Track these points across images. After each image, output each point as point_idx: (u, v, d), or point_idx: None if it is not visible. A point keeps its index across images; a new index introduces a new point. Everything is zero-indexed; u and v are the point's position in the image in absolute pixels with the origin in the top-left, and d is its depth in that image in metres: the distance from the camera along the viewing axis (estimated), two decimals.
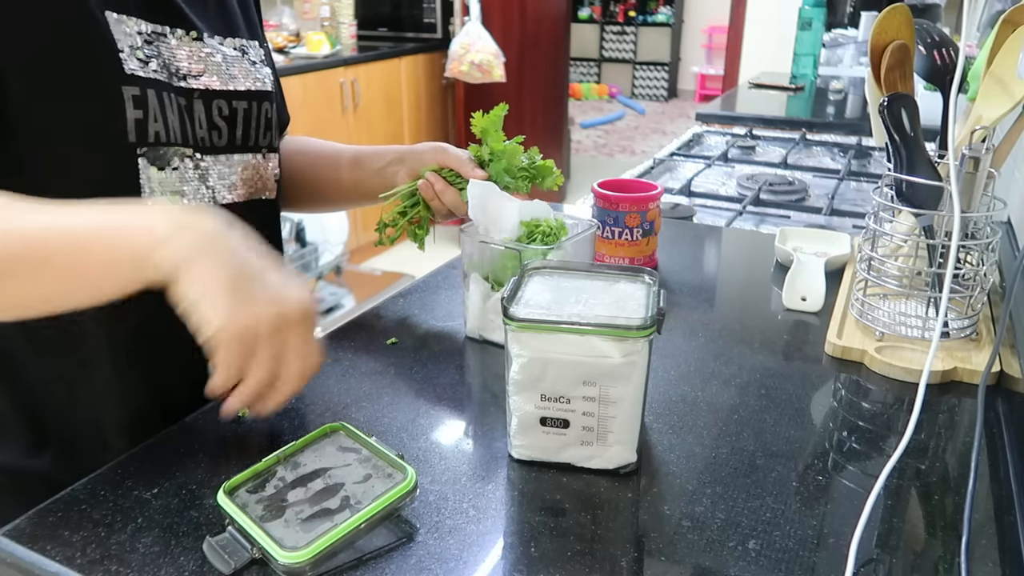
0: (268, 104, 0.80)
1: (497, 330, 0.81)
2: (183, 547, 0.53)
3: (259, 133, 0.80)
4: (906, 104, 0.80)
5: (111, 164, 0.67)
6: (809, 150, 1.92)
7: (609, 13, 8.48)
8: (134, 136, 0.66)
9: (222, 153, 0.76)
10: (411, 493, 0.54)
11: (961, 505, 0.57)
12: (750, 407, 0.71)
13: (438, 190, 0.86)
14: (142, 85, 0.66)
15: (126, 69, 0.65)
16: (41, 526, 0.55)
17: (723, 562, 0.52)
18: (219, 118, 0.75)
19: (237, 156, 0.77)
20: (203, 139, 0.73)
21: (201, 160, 0.73)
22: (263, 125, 0.80)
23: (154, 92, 0.67)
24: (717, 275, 1.10)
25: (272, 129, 0.82)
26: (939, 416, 0.72)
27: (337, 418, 0.62)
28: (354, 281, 3.18)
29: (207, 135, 0.74)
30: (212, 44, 0.74)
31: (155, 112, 0.67)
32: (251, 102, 0.78)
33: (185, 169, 0.72)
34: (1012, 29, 0.82)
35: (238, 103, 0.76)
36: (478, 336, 0.84)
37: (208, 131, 0.74)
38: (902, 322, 0.83)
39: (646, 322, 0.57)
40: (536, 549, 0.53)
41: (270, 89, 0.81)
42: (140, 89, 0.66)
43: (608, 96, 8.35)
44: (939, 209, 0.79)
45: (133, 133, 0.66)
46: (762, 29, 3.72)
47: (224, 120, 0.75)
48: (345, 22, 3.79)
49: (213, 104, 0.74)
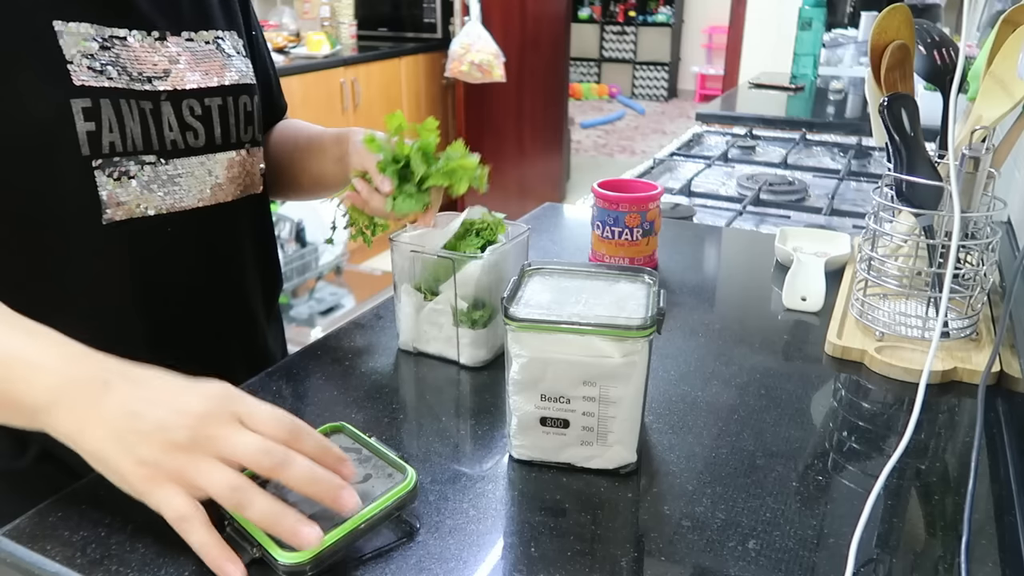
0: (247, 97, 0.78)
1: (432, 342, 0.79)
2: (183, 547, 0.53)
3: (240, 129, 0.78)
4: (906, 104, 0.80)
5: (65, 179, 0.65)
6: (809, 150, 1.92)
7: (609, 13, 8.48)
8: (87, 149, 0.65)
9: (201, 154, 0.74)
10: (411, 493, 0.54)
11: (961, 505, 0.57)
12: (750, 407, 0.71)
13: (364, 199, 0.78)
14: (94, 96, 0.65)
15: (75, 81, 0.64)
16: (41, 526, 0.55)
17: (723, 562, 0.52)
18: (192, 118, 0.73)
19: (220, 155, 0.76)
20: (174, 142, 0.72)
21: (165, 165, 0.71)
22: (243, 120, 0.78)
23: (109, 102, 0.66)
24: (717, 275, 1.10)
25: (254, 123, 0.80)
26: (939, 416, 0.72)
27: (337, 418, 0.62)
28: (354, 281, 3.18)
29: (179, 137, 0.72)
30: (177, 42, 0.72)
31: (110, 122, 0.66)
32: (226, 97, 0.76)
33: (148, 178, 0.70)
34: (1012, 29, 0.82)
35: (211, 100, 0.74)
36: (412, 349, 0.81)
37: (181, 132, 0.72)
38: (902, 322, 0.83)
39: (646, 322, 0.57)
40: (536, 549, 0.53)
41: (249, 81, 0.79)
42: (92, 100, 0.64)
43: (608, 96, 8.35)
44: (939, 209, 0.79)
45: (86, 146, 0.65)
46: (762, 29, 3.72)
47: (198, 119, 0.73)
48: (345, 22, 3.79)
49: (183, 104, 0.72)
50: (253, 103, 0.79)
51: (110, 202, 0.68)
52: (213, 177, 0.76)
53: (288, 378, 0.76)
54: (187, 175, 0.73)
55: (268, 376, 0.76)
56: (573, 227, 1.23)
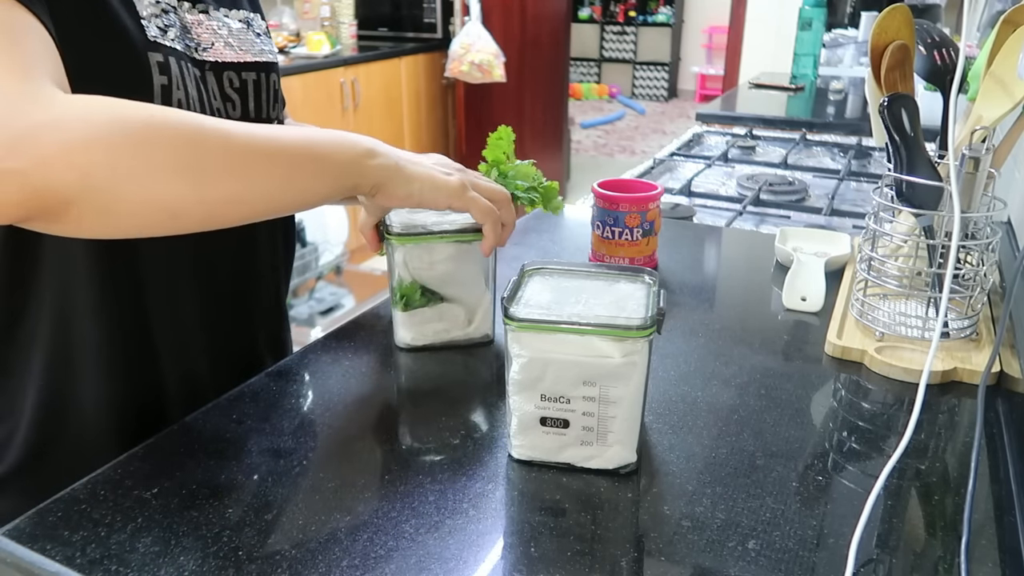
0: (275, 76, 0.81)
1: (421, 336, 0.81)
2: (183, 547, 0.53)
3: (270, 105, 0.80)
4: (906, 104, 0.80)
5: None
6: (809, 150, 1.92)
7: (609, 13, 8.48)
8: (160, 103, 0.66)
9: None
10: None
11: (961, 505, 0.57)
12: (750, 407, 0.71)
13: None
14: (164, 52, 0.66)
15: (149, 36, 0.65)
16: (41, 526, 0.55)
17: (723, 562, 0.52)
18: (231, 90, 0.75)
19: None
20: (218, 110, 0.74)
21: None
22: (272, 97, 0.80)
23: (175, 60, 0.67)
24: (717, 275, 1.10)
25: (280, 101, 0.83)
26: (939, 416, 0.72)
27: (337, 418, 0.62)
28: (354, 281, 3.17)
29: (222, 107, 0.74)
30: (218, 16, 0.75)
31: (177, 79, 0.67)
32: (259, 73, 0.78)
33: None
34: (1012, 29, 0.82)
35: (247, 74, 0.77)
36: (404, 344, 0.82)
37: (223, 103, 0.74)
38: (902, 322, 0.83)
39: (646, 322, 0.57)
40: (536, 549, 0.53)
41: (275, 60, 0.82)
42: (163, 56, 0.66)
43: (608, 96, 8.35)
44: (939, 209, 0.79)
45: (159, 99, 0.66)
46: (762, 29, 3.72)
47: (236, 92, 0.75)
48: (345, 22, 3.79)
49: (224, 76, 0.74)
50: (279, 82, 0.82)
51: None
52: None
53: (288, 378, 0.76)
54: None
55: (268, 376, 0.76)
56: (573, 227, 1.23)
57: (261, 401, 0.71)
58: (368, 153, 0.65)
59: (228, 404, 0.71)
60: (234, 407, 0.70)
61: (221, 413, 0.69)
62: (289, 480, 0.60)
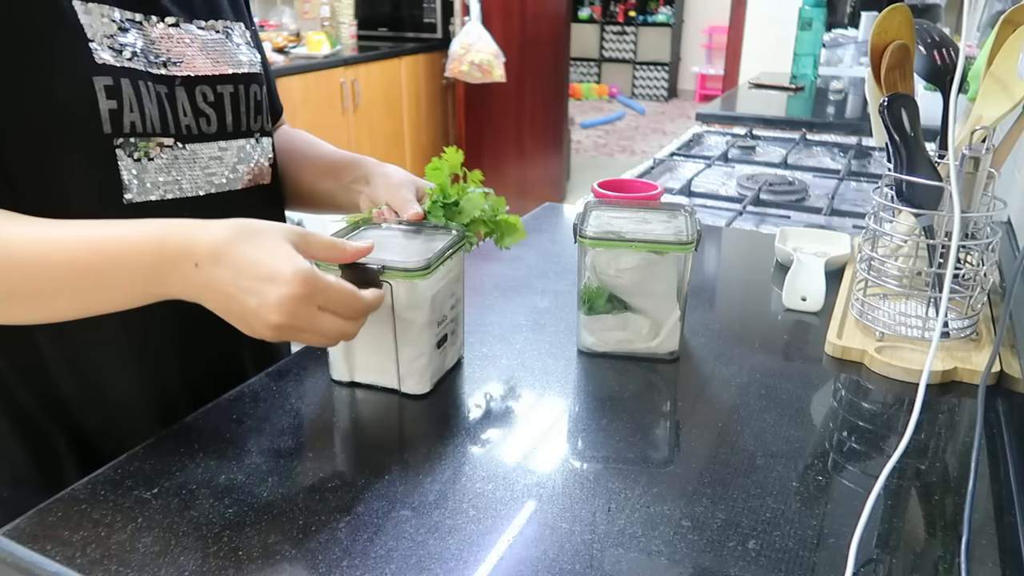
0: (256, 86, 0.79)
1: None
2: (183, 547, 0.53)
3: (250, 117, 0.79)
4: (906, 104, 0.80)
5: (88, 157, 0.66)
6: (809, 150, 1.92)
7: (609, 13, 8.47)
8: (109, 127, 0.66)
9: (212, 140, 0.75)
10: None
11: (961, 505, 0.57)
12: (750, 407, 0.71)
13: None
14: (115, 75, 0.65)
15: (97, 59, 0.65)
16: (41, 526, 0.55)
17: (723, 562, 0.52)
18: (204, 104, 0.74)
19: (230, 142, 0.77)
20: (188, 127, 0.73)
21: (182, 149, 0.72)
22: (252, 108, 0.79)
23: (129, 81, 0.66)
24: (717, 275, 1.10)
25: (263, 112, 0.81)
26: (939, 416, 0.72)
27: (337, 418, 0.62)
28: None
29: (193, 122, 0.73)
30: (190, 29, 0.74)
31: (130, 102, 0.67)
32: (237, 85, 0.77)
33: (167, 161, 0.71)
34: (1012, 29, 0.82)
35: (223, 87, 0.75)
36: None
37: (194, 118, 0.73)
38: (902, 322, 0.83)
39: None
40: (536, 549, 0.53)
41: (258, 71, 0.80)
42: (113, 79, 0.65)
43: (608, 96, 8.35)
44: (939, 209, 0.79)
45: (108, 124, 0.66)
46: (762, 29, 3.72)
47: (210, 106, 0.74)
48: (345, 22, 3.79)
49: (196, 90, 0.73)
50: (262, 93, 0.81)
51: (130, 182, 0.68)
52: (225, 164, 0.76)
53: (288, 378, 0.76)
54: (202, 160, 0.74)
55: (268, 376, 0.76)
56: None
57: (261, 401, 0.71)
58: (174, 259, 0.58)
59: (228, 404, 0.71)
60: (234, 407, 0.70)
61: (221, 413, 0.69)
62: (289, 480, 0.60)
